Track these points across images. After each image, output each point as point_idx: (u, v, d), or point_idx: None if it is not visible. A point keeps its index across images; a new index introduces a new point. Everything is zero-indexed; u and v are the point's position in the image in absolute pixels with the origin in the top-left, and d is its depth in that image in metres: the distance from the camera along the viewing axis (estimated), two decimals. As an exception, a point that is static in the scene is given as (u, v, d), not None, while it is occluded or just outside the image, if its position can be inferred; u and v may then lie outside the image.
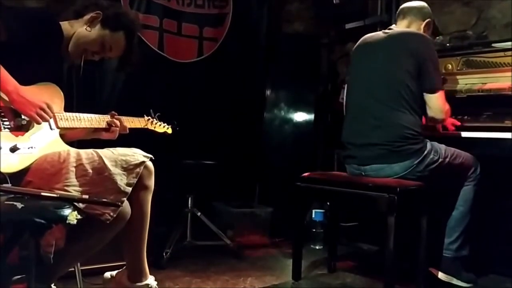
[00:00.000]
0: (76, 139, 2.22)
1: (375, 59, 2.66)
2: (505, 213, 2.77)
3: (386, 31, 2.72)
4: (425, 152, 2.51)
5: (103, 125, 2.14)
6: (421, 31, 2.70)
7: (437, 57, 2.62)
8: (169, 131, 2.58)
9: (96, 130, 2.18)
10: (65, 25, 2.08)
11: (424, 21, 2.73)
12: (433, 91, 2.55)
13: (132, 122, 2.30)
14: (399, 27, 2.75)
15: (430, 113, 2.59)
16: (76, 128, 2.05)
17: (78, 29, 2.08)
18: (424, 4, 2.79)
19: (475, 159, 2.68)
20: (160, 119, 2.51)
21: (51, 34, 1.99)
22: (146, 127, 2.42)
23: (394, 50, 2.60)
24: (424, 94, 2.57)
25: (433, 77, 2.55)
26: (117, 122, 2.18)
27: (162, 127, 2.53)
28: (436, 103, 2.56)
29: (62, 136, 2.00)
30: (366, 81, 2.68)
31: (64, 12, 2.16)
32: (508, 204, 2.75)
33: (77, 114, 2.04)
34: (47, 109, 1.82)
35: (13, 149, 1.74)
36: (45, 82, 1.97)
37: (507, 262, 2.73)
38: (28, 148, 1.82)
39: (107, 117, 2.16)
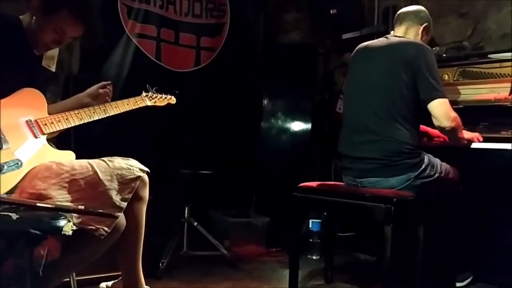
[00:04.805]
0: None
1: (372, 69, 2.62)
2: (501, 223, 2.77)
3: (383, 39, 2.68)
4: (423, 167, 2.48)
5: (95, 117, 2.05)
6: (419, 36, 2.66)
7: (435, 65, 2.54)
8: (173, 101, 2.45)
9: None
10: (24, 18, 2.00)
11: (421, 25, 2.68)
12: (431, 98, 2.46)
13: (128, 104, 2.19)
14: (397, 33, 2.70)
15: (435, 122, 2.49)
16: (64, 129, 1.98)
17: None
18: (420, 8, 2.74)
19: (458, 175, 2.66)
20: (159, 92, 2.39)
21: (15, 35, 1.94)
22: (145, 105, 2.28)
23: (391, 60, 2.55)
24: (427, 104, 2.48)
25: (431, 84, 2.46)
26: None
27: (163, 100, 2.40)
28: (438, 111, 2.46)
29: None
30: (363, 91, 2.64)
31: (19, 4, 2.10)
32: (503, 214, 2.76)
33: (63, 113, 1.97)
34: None
35: None
36: (25, 88, 1.90)
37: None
38: (14, 164, 1.76)
39: (97, 108, 2.08)
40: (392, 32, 2.76)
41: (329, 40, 4.15)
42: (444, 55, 3.18)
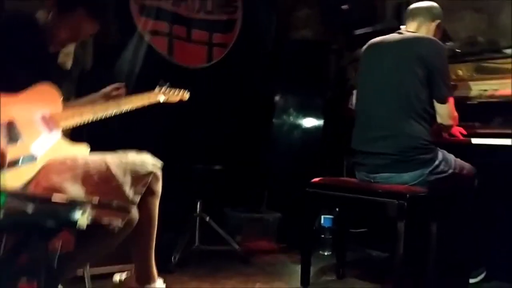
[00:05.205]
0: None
1: (385, 64, 2.60)
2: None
3: (396, 34, 2.65)
4: (436, 163, 2.47)
5: (109, 112, 2.06)
6: (431, 33, 2.63)
7: (447, 64, 2.56)
8: (185, 97, 2.45)
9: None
10: (40, 15, 2.02)
11: (433, 21, 2.65)
12: (443, 100, 2.49)
13: (141, 100, 2.20)
14: (409, 28, 2.67)
15: (439, 119, 2.55)
16: (78, 124, 1.99)
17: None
18: (433, 4, 2.71)
19: (475, 171, 2.65)
20: (172, 87, 2.39)
21: (31, 33, 1.95)
22: (158, 101, 2.29)
23: (404, 55, 2.54)
24: (434, 101, 2.51)
25: (444, 85, 2.49)
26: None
27: (176, 95, 2.40)
28: (446, 111, 2.52)
29: None
30: (375, 87, 2.63)
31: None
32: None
33: (77, 109, 1.99)
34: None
35: (14, 163, 1.71)
36: (40, 84, 1.91)
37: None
38: (29, 158, 1.78)
39: (111, 103, 2.10)
40: (403, 27, 2.74)
41: (341, 36, 4.13)
42: (458, 50, 3.14)
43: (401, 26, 2.77)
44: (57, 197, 1.57)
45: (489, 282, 2.79)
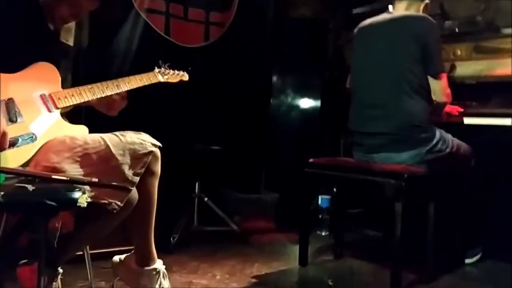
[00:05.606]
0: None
1: (378, 44, 2.61)
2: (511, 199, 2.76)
3: (386, 15, 2.66)
4: (434, 141, 2.48)
5: (108, 92, 2.03)
6: (420, 13, 2.63)
7: (440, 40, 2.57)
8: (185, 78, 2.42)
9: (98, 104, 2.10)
10: None
11: (423, 1, 2.64)
12: (437, 75, 2.51)
13: (141, 80, 2.16)
14: (398, 9, 2.65)
15: (433, 97, 2.55)
16: (77, 104, 1.96)
17: None
18: None
19: (472, 151, 2.66)
20: (172, 68, 2.36)
21: (30, 10, 1.91)
22: (158, 81, 2.25)
23: (398, 34, 2.55)
24: (429, 78, 2.52)
25: (437, 61, 2.51)
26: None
27: (176, 76, 2.38)
28: (439, 87, 2.52)
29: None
30: (370, 67, 2.64)
31: None
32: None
33: (76, 88, 1.96)
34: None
35: (14, 143, 1.69)
36: (39, 62, 1.88)
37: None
38: (29, 138, 1.76)
39: (110, 83, 2.05)
40: (391, 7, 2.71)
41: (339, 15, 4.10)
42: (456, 29, 3.13)
43: (389, 6, 2.75)
44: (57, 176, 1.57)
45: (484, 262, 2.82)
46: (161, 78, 2.28)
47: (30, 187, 1.45)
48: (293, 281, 2.67)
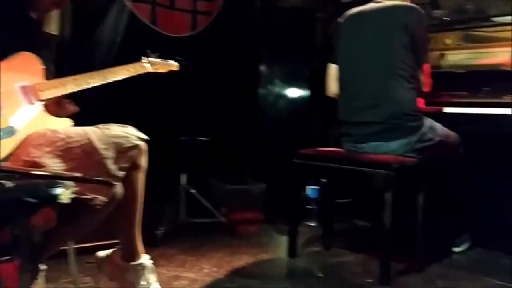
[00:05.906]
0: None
1: (367, 34, 2.59)
2: (502, 191, 2.76)
3: (373, 4, 2.64)
4: (423, 130, 2.48)
5: (93, 83, 1.96)
6: (406, 2, 2.62)
7: (427, 31, 2.60)
8: (175, 68, 2.37)
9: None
10: None
11: None
12: (421, 63, 2.55)
13: (127, 71, 2.10)
14: None
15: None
16: (61, 95, 1.91)
17: None
18: None
19: (460, 139, 2.66)
20: (162, 57, 2.30)
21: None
22: (146, 71, 2.18)
23: (387, 23, 2.54)
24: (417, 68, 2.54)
25: (425, 52, 2.56)
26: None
27: (165, 66, 2.31)
28: (424, 76, 2.57)
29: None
30: (359, 56, 2.62)
31: None
32: (503, 180, 2.75)
33: (60, 79, 1.90)
34: None
35: None
36: (20, 53, 1.82)
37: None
38: (8, 131, 1.70)
39: (95, 74, 1.98)
40: None
41: (328, 4, 4.05)
42: (446, 18, 3.10)
43: None
44: (38, 171, 1.52)
45: (473, 249, 2.83)
46: (149, 68, 2.21)
47: (9, 184, 1.40)
48: (282, 272, 2.65)
